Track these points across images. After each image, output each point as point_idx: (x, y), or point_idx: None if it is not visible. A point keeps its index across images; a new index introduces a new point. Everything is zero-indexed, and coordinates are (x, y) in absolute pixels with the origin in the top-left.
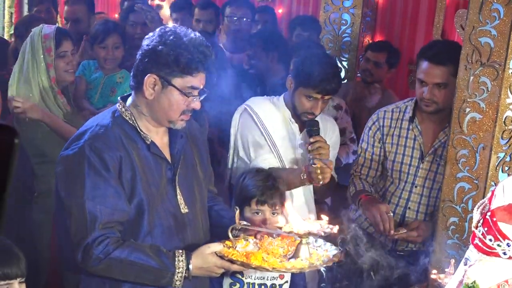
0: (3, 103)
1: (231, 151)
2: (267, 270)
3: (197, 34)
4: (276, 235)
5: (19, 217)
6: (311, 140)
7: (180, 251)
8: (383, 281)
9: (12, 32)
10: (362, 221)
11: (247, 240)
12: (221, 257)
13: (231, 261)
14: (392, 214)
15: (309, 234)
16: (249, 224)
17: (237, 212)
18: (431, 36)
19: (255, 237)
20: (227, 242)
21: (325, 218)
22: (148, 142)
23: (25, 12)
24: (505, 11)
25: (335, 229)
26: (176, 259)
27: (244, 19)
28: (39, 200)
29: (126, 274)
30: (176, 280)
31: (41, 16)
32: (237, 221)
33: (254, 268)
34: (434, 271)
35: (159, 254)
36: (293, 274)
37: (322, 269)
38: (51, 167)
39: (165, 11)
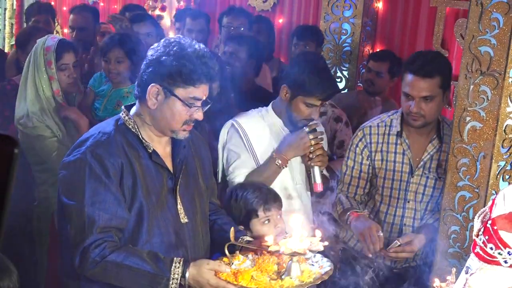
0: (4, 112)
1: (220, 166)
2: None
3: (201, 45)
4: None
5: (19, 227)
6: (313, 142)
7: (178, 258)
8: None
9: (13, 43)
10: (354, 242)
11: (246, 256)
12: (216, 272)
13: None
14: (382, 233)
15: (295, 253)
16: (247, 241)
17: (232, 229)
18: (431, 45)
19: (256, 254)
20: (225, 259)
21: (318, 234)
22: (150, 151)
23: (25, 24)
24: (505, 20)
25: (321, 246)
26: (173, 265)
27: (241, 28)
28: (38, 209)
29: (122, 279)
30: (171, 287)
31: (44, 27)
32: (232, 238)
33: None
34: (436, 280)
35: (156, 260)
36: None
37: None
38: (50, 174)
39: (166, 22)
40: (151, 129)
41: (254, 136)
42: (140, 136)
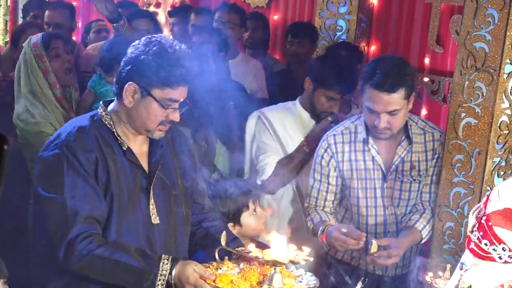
0: None
1: (247, 156)
2: None
3: (183, 46)
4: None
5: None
6: None
7: (167, 256)
8: None
9: (7, 39)
10: (341, 254)
11: (238, 264)
12: (201, 276)
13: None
14: (345, 230)
15: (275, 262)
16: (238, 248)
17: (223, 233)
18: (426, 41)
19: (248, 263)
20: (214, 264)
21: (306, 250)
22: (125, 148)
23: (20, 19)
24: (500, 16)
25: (302, 260)
26: (161, 261)
27: (232, 24)
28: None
29: (108, 273)
30: (158, 284)
31: (37, 22)
32: (223, 243)
33: None
34: (430, 275)
35: (144, 256)
36: None
37: None
38: None
39: (161, 18)
40: (127, 126)
41: (280, 127)
42: (115, 133)
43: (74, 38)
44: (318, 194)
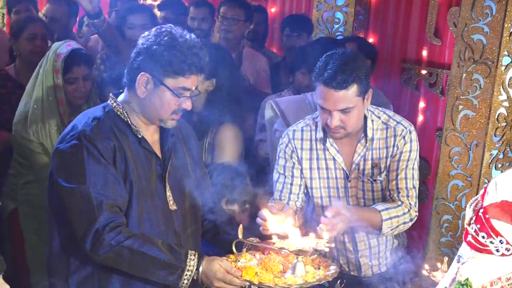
0: None
1: (269, 143)
2: (255, 284)
3: (193, 36)
4: (283, 252)
5: None
6: None
7: (193, 251)
8: None
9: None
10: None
11: (253, 255)
12: (227, 271)
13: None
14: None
15: (299, 251)
16: (255, 239)
17: (240, 227)
18: (424, 34)
19: (263, 253)
20: (231, 256)
21: (325, 236)
22: (140, 136)
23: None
24: (498, 8)
25: (326, 247)
26: (188, 257)
27: (236, 19)
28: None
29: (134, 266)
30: (184, 279)
31: (34, 16)
32: (240, 235)
33: (255, 285)
34: (427, 268)
35: (171, 250)
36: None
37: None
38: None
39: (158, 11)
40: (139, 117)
41: (292, 115)
42: (129, 121)
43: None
44: (283, 187)
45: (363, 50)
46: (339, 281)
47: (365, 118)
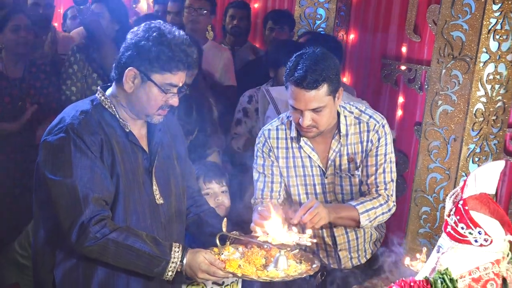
0: None
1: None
2: (238, 276)
3: (181, 32)
4: (266, 246)
5: None
6: None
7: (177, 243)
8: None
9: None
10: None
11: (236, 249)
12: (211, 263)
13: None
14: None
15: (282, 245)
16: (238, 233)
17: (224, 220)
18: (403, 31)
19: (246, 247)
20: (215, 249)
21: (308, 232)
22: (127, 130)
23: None
24: (477, 6)
25: (308, 242)
26: (173, 249)
27: (202, 10)
28: None
29: (119, 258)
30: (169, 271)
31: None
32: (224, 229)
33: (238, 277)
34: (406, 258)
35: (156, 242)
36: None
37: None
38: None
39: (142, 5)
40: (127, 111)
41: (281, 103)
42: (117, 115)
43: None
44: (264, 186)
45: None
46: (319, 274)
47: (338, 114)
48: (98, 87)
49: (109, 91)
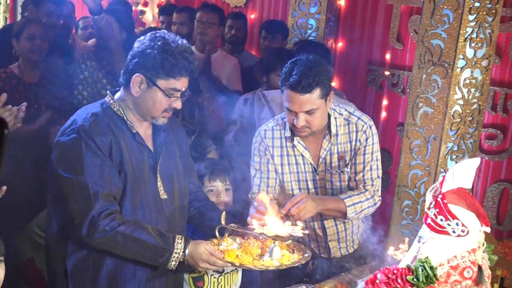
0: None
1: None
2: (236, 266)
3: (184, 41)
4: (262, 237)
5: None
6: None
7: (180, 235)
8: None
9: None
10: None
11: (234, 240)
12: (211, 253)
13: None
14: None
15: (276, 237)
16: (235, 225)
17: (223, 213)
18: (387, 39)
19: (243, 238)
20: (214, 240)
21: (300, 224)
22: (134, 131)
23: (19, 16)
24: (454, 16)
25: (301, 233)
26: (176, 241)
27: (210, 24)
28: None
29: (127, 250)
30: (172, 261)
31: (33, 18)
32: (223, 221)
33: (236, 266)
34: (390, 248)
35: (160, 234)
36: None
37: None
38: None
39: (148, 16)
40: (134, 114)
41: (276, 105)
42: (125, 118)
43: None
44: (260, 182)
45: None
46: (310, 263)
47: (329, 116)
48: (108, 92)
49: (117, 95)
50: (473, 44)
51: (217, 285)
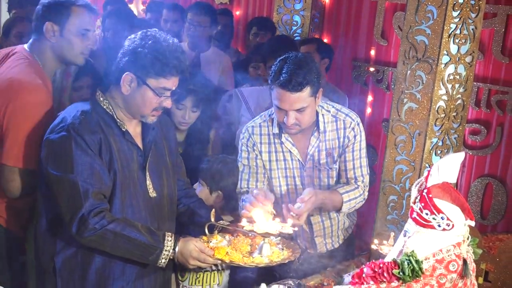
0: None
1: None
2: (226, 263)
3: (175, 40)
4: (251, 234)
5: None
6: None
7: (169, 233)
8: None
9: None
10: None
11: (223, 237)
12: (202, 251)
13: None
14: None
15: (267, 234)
16: (225, 222)
17: (213, 211)
18: (372, 35)
19: (232, 235)
20: (204, 238)
21: (289, 221)
22: (124, 129)
23: (5, 13)
24: (438, 12)
25: (291, 230)
26: (166, 238)
27: (202, 26)
28: None
29: (117, 247)
30: (162, 258)
31: (23, 16)
32: (212, 219)
33: (226, 263)
34: (376, 242)
35: (150, 232)
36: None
37: None
38: None
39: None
40: (123, 111)
41: (253, 102)
42: (114, 116)
43: None
44: (249, 176)
45: (321, 49)
46: (296, 258)
47: (317, 113)
48: (98, 89)
49: (107, 93)
50: (457, 40)
51: (195, 280)
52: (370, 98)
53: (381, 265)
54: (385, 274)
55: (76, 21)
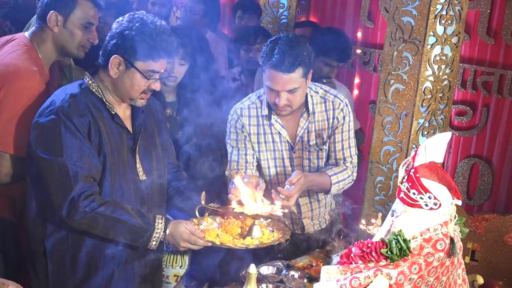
0: None
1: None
2: (216, 245)
3: (163, 22)
4: (241, 217)
5: None
6: None
7: (160, 215)
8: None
9: None
10: None
11: (214, 219)
12: (192, 233)
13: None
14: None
15: (257, 216)
16: (215, 205)
17: (203, 193)
18: (358, 17)
19: (222, 218)
20: (194, 220)
21: (278, 203)
22: (113, 112)
23: None
24: None
25: (280, 212)
26: (156, 221)
27: (199, 14)
28: None
29: (107, 230)
30: (153, 241)
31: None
32: (202, 202)
33: (216, 245)
34: (363, 222)
35: (141, 215)
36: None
37: None
38: None
39: None
40: (112, 94)
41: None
42: (104, 99)
43: None
44: (238, 158)
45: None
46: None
47: (306, 94)
48: (86, 72)
49: (96, 76)
50: (443, 21)
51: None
52: (357, 80)
53: (369, 245)
54: (373, 254)
55: (81, 13)
